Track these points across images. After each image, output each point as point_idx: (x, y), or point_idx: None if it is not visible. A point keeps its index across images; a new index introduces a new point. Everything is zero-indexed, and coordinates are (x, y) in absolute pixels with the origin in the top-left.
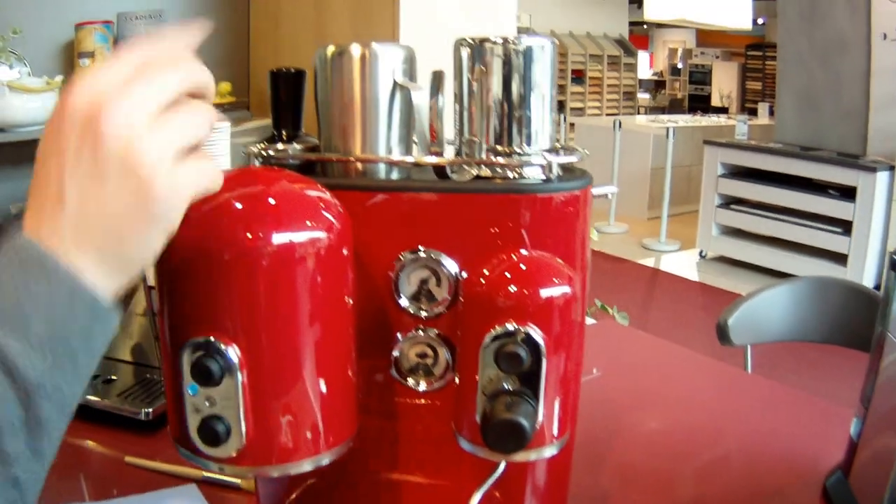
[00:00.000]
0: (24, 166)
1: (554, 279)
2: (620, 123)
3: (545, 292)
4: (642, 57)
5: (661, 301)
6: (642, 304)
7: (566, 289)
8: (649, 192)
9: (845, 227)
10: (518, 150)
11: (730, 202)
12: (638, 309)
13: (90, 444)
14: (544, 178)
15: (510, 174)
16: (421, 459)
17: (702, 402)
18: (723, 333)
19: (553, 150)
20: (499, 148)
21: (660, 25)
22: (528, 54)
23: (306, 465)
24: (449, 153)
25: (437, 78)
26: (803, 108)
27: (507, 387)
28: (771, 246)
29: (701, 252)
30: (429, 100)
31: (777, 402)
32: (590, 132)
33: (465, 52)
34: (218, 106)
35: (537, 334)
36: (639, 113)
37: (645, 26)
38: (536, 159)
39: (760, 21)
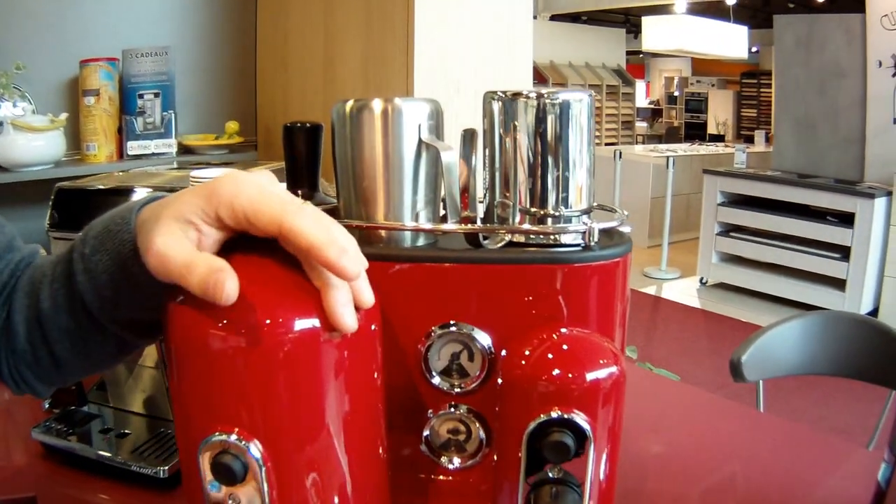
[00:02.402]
0: (29, 207)
1: (600, 360)
2: (621, 153)
3: (591, 375)
4: (639, 86)
5: (665, 329)
6: (646, 333)
7: (613, 369)
8: (649, 220)
9: (844, 252)
10: (554, 213)
11: (729, 230)
12: (642, 338)
13: (108, 501)
14: (583, 244)
15: (547, 241)
16: None
17: (720, 444)
18: (736, 371)
19: (590, 210)
20: (533, 210)
21: (655, 55)
22: (565, 108)
23: None
24: (480, 219)
25: (469, 137)
26: (801, 136)
27: (551, 475)
28: (771, 272)
29: (702, 279)
30: (458, 160)
31: (795, 443)
32: None
33: (496, 107)
34: (226, 146)
35: (583, 421)
36: (637, 142)
37: (641, 55)
38: (576, 225)
39: (754, 49)
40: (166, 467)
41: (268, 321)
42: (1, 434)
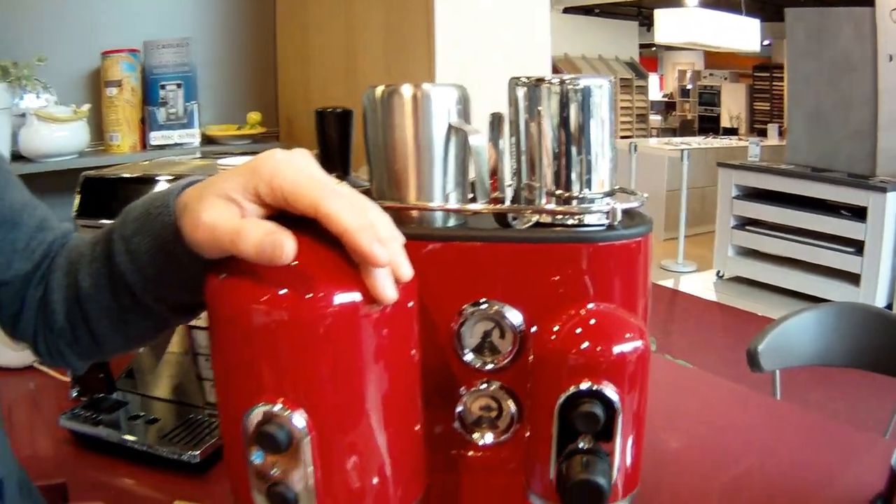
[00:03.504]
0: (53, 197)
1: (626, 334)
2: (636, 147)
3: (618, 348)
4: (652, 79)
5: (683, 322)
6: (664, 326)
7: (638, 343)
8: (665, 213)
9: (857, 246)
10: (578, 195)
11: (745, 223)
12: (660, 331)
13: (137, 487)
14: (607, 224)
15: (572, 221)
16: None
17: (737, 432)
18: (753, 360)
19: (613, 193)
20: (558, 192)
21: (668, 48)
22: (586, 93)
23: None
24: (508, 200)
25: (497, 121)
26: (813, 129)
27: (581, 445)
28: (787, 266)
29: (718, 273)
30: (486, 143)
31: (811, 431)
32: None
33: (520, 92)
34: (249, 136)
35: (612, 392)
36: (651, 135)
37: (654, 48)
38: (600, 205)
39: (766, 42)
40: (197, 452)
41: (309, 295)
42: (29, 422)
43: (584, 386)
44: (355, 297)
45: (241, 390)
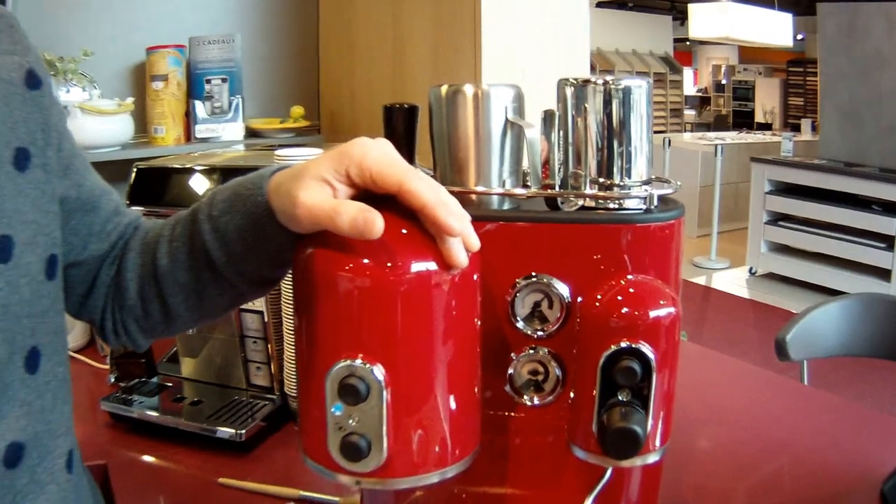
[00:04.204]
0: None
1: (661, 301)
2: (670, 141)
3: (654, 313)
4: (687, 73)
5: (715, 319)
6: (696, 323)
7: (671, 309)
8: (698, 209)
9: (889, 242)
10: (619, 183)
11: (778, 219)
12: (693, 327)
13: (180, 467)
14: (644, 208)
15: (613, 205)
16: (528, 472)
17: (764, 414)
18: (781, 349)
19: (650, 182)
20: (601, 180)
21: (703, 42)
22: (627, 93)
23: (434, 478)
24: (556, 186)
25: (549, 117)
26: (845, 124)
27: (621, 398)
28: (819, 262)
29: (751, 269)
30: (539, 136)
31: (834, 413)
32: None
33: (568, 91)
34: (292, 129)
35: (648, 350)
36: (685, 130)
37: (688, 43)
38: (638, 191)
39: (800, 37)
40: (243, 431)
41: (389, 264)
42: None
43: (624, 345)
44: (430, 266)
45: (326, 348)
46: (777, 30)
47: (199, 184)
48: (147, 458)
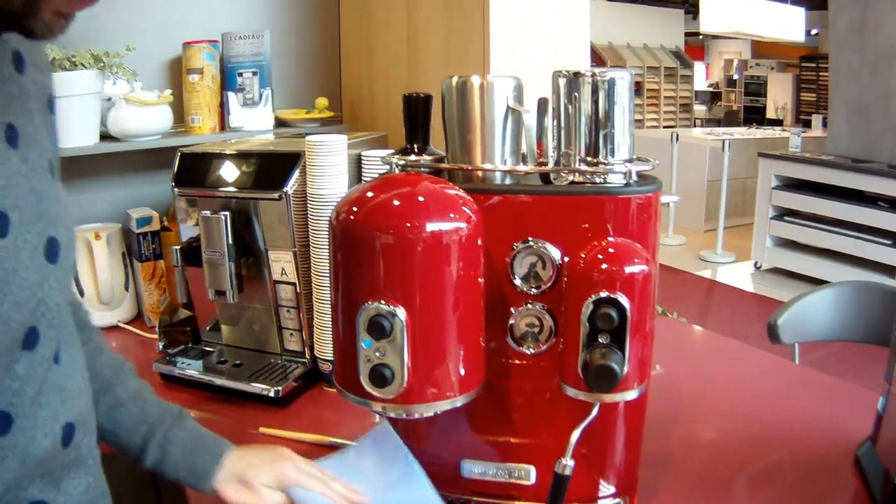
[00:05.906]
0: (139, 174)
1: (635, 259)
2: (678, 136)
3: (629, 269)
4: (698, 68)
5: (718, 312)
6: (700, 315)
7: (644, 267)
8: (705, 204)
9: (894, 238)
10: (604, 161)
11: (784, 214)
12: (696, 319)
13: (226, 419)
14: (625, 182)
15: (598, 179)
16: (526, 411)
17: (752, 386)
18: (773, 332)
19: (631, 161)
20: (589, 159)
21: (715, 36)
22: (611, 84)
23: (445, 406)
24: (550, 163)
25: (543, 104)
26: (855, 121)
27: (601, 341)
28: (825, 258)
29: (756, 263)
30: (536, 121)
31: (816, 387)
32: (648, 144)
33: (562, 82)
34: (317, 119)
35: (624, 300)
36: (695, 125)
37: (700, 37)
38: (619, 168)
39: (814, 32)
40: (280, 387)
41: (408, 224)
42: None
43: (604, 294)
44: (443, 226)
45: (358, 292)
46: (789, 24)
47: (235, 166)
48: (195, 412)
